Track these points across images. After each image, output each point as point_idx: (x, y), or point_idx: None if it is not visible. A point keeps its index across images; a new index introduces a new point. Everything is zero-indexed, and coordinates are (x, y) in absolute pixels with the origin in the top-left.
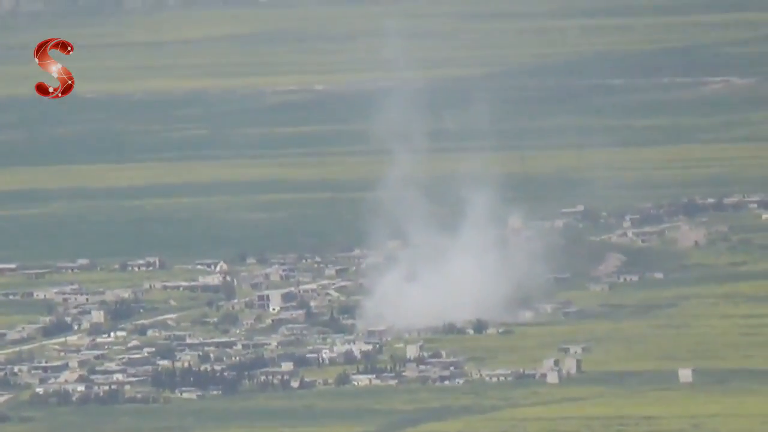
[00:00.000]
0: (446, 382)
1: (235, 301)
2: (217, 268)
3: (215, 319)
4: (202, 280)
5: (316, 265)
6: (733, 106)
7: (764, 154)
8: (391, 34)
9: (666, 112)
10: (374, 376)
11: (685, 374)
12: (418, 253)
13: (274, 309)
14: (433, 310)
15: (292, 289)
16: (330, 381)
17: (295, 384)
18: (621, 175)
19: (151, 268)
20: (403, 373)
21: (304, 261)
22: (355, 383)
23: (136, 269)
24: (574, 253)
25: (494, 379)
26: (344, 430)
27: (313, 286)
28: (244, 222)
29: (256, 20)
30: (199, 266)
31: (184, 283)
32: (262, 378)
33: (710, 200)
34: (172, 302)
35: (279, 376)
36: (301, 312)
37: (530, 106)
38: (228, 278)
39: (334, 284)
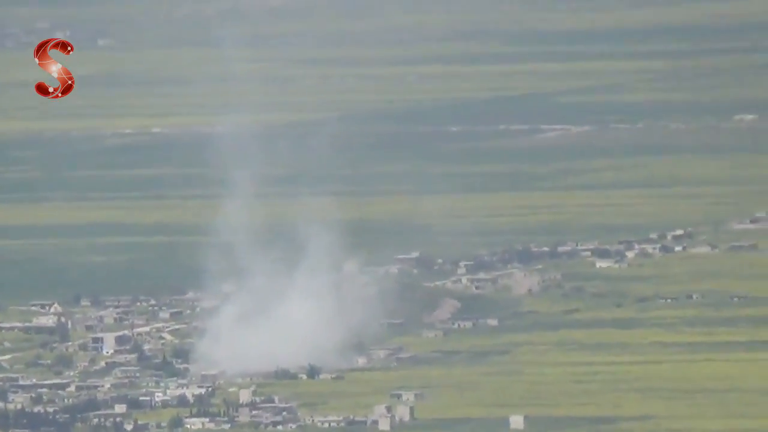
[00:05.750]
0: (279, 427)
1: (69, 343)
2: (51, 310)
3: (49, 361)
4: (36, 321)
5: (150, 308)
6: (569, 154)
7: (598, 202)
8: (230, 79)
9: (502, 159)
10: (207, 419)
11: (517, 421)
12: (252, 297)
13: (107, 351)
14: (266, 354)
15: (126, 332)
16: (163, 424)
17: (128, 426)
18: (456, 221)
19: None
20: (236, 418)
21: (138, 304)
22: (188, 426)
23: None
24: (409, 298)
25: (326, 425)
26: None
27: (147, 329)
28: (80, 264)
29: (94, 62)
30: (33, 307)
31: (18, 324)
32: (95, 420)
33: (544, 248)
34: (6, 343)
35: (112, 419)
36: (134, 355)
37: (368, 151)
38: (62, 320)
39: (167, 327)
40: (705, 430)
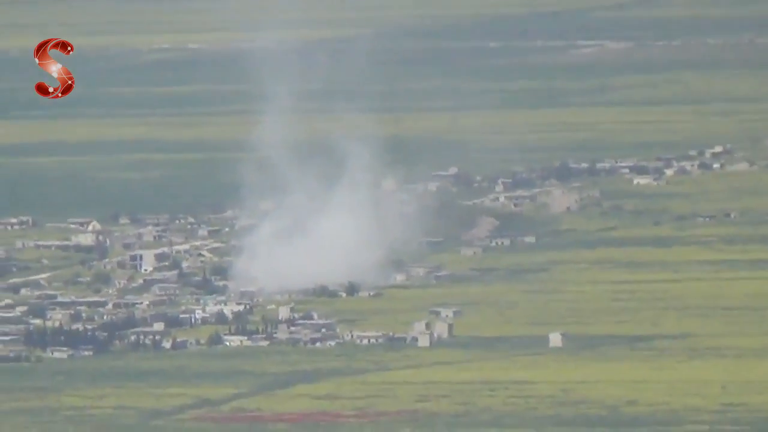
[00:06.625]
0: (317, 344)
1: (107, 260)
2: (89, 227)
3: (87, 279)
4: (75, 239)
5: (189, 226)
6: (606, 70)
7: (636, 119)
8: None
9: (540, 75)
10: (246, 337)
11: (555, 339)
12: (290, 214)
13: (146, 269)
14: (305, 272)
15: (165, 249)
16: (202, 341)
17: (166, 344)
18: (494, 138)
19: (24, 226)
20: (275, 335)
21: (177, 221)
22: (227, 344)
23: (9, 228)
24: (447, 216)
25: (365, 342)
26: (216, 392)
27: (186, 246)
28: (118, 181)
29: None
30: (71, 225)
31: (56, 242)
32: (134, 338)
33: (583, 165)
34: (45, 261)
35: (150, 336)
36: (173, 272)
37: (405, 67)
38: (100, 238)
39: (206, 245)
40: (742, 348)
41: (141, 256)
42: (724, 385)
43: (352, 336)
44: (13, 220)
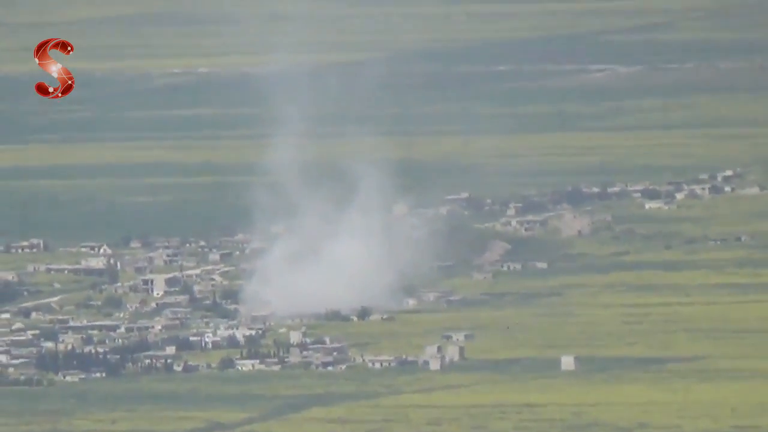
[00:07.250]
0: (329, 368)
1: (119, 284)
2: (101, 251)
3: (99, 302)
4: (86, 263)
5: (200, 250)
6: (617, 94)
7: (647, 143)
8: (276, 18)
9: (551, 99)
10: (257, 361)
11: (567, 362)
12: (302, 238)
13: (157, 293)
14: (316, 296)
15: (176, 273)
16: (213, 365)
17: (178, 368)
18: (505, 162)
19: (35, 250)
20: (287, 359)
21: (188, 245)
22: (239, 368)
23: (21, 251)
24: (458, 240)
25: (377, 365)
26: (227, 416)
27: (197, 270)
28: (129, 205)
29: (142, 2)
30: (83, 249)
31: (68, 266)
32: (146, 361)
33: (594, 189)
34: (56, 285)
35: (162, 360)
36: (184, 296)
37: (416, 91)
38: (112, 261)
39: (218, 269)
40: (753, 370)
41: (152, 281)
42: (734, 407)
43: (364, 360)
44: (25, 244)
